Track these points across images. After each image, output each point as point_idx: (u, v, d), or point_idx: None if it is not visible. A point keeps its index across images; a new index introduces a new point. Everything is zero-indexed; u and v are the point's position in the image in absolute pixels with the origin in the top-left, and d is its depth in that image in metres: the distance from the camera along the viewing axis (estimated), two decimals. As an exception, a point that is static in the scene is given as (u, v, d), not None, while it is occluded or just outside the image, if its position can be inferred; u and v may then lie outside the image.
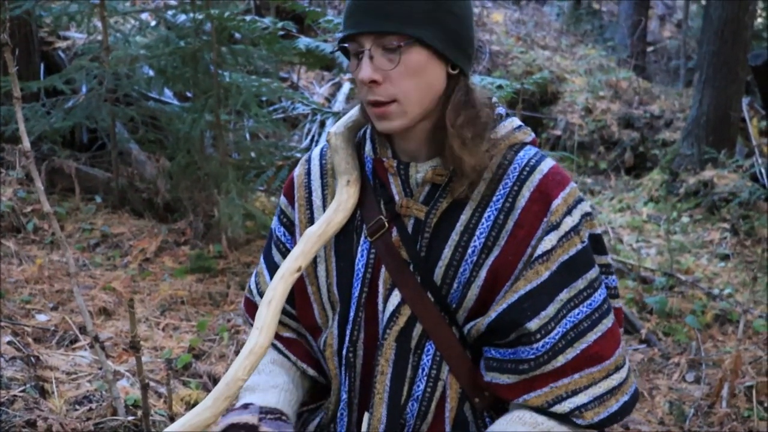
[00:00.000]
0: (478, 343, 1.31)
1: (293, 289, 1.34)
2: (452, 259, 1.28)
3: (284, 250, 1.46)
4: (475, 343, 1.32)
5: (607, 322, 1.29)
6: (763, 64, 6.40)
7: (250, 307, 1.52)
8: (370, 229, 1.33)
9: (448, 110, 1.26)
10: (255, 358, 1.19)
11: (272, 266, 1.46)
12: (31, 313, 3.38)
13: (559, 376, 1.25)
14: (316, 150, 1.46)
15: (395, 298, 1.30)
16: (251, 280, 1.54)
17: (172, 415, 2.50)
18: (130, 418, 2.52)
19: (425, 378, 1.30)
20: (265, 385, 1.41)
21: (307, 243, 1.30)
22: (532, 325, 1.24)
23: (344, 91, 6.45)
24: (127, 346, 3.16)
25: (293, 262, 1.28)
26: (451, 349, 1.30)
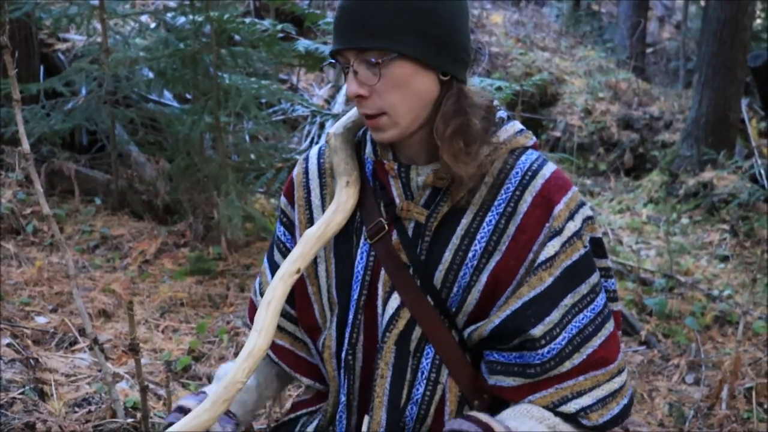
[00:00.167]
0: (479, 347, 1.31)
1: (293, 290, 1.34)
2: (452, 263, 1.28)
3: (285, 251, 1.46)
4: (476, 347, 1.31)
5: (610, 326, 1.30)
6: (762, 65, 6.40)
7: (253, 310, 1.53)
8: (370, 231, 1.32)
9: (437, 121, 1.24)
10: (254, 360, 1.19)
11: (274, 267, 1.47)
12: (31, 315, 3.38)
13: (564, 379, 1.26)
14: (314, 149, 1.46)
15: (394, 301, 1.30)
16: (256, 282, 1.54)
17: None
18: (130, 421, 2.52)
19: (425, 381, 1.30)
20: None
21: (306, 244, 1.30)
22: (537, 332, 1.23)
23: (344, 92, 6.46)
24: (127, 348, 3.16)
25: (292, 264, 1.28)
26: (451, 352, 1.30)
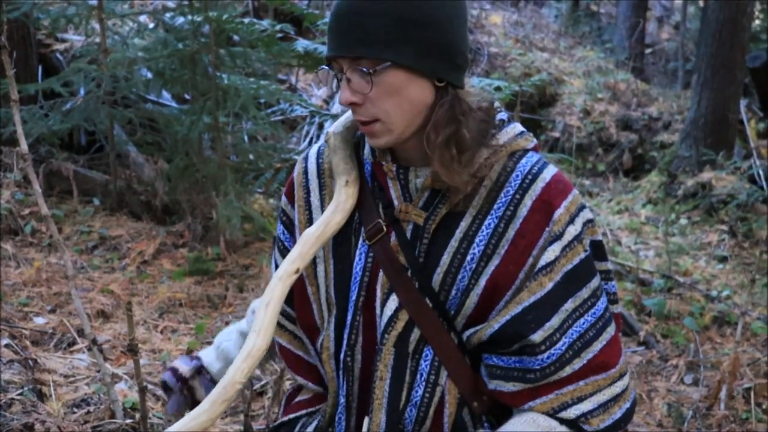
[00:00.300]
0: (478, 350, 1.31)
1: (292, 289, 1.33)
2: (451, 266, 1.27)
3: (284, 250, 1.46)
4: (475, 350, 1.31)
5: (611, 330, 1.28)
6: (761, 66, 6.42)
7: None
8: (369, 232, 1.32)
9: (428, 129, 1.23)
10: (252, 361, 1.18)
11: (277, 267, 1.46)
12: (29, 316, 3.37)
13: (564, 384, 1.25)
14: (314, 148, 1.45)
15: (393, 302, 1.29)
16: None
17: (170, 418, 2.50)
18: (128, 421, 2.52)
19: (423, 383, 1.29)
20: (225, 350, 1.60)
21: (305, 245, 1.29)
22: (536, 337, 1.22)
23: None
24: (125, 348, 3.15)
25: (291, 264, 1.27)
26: (450, 354, 1.29)
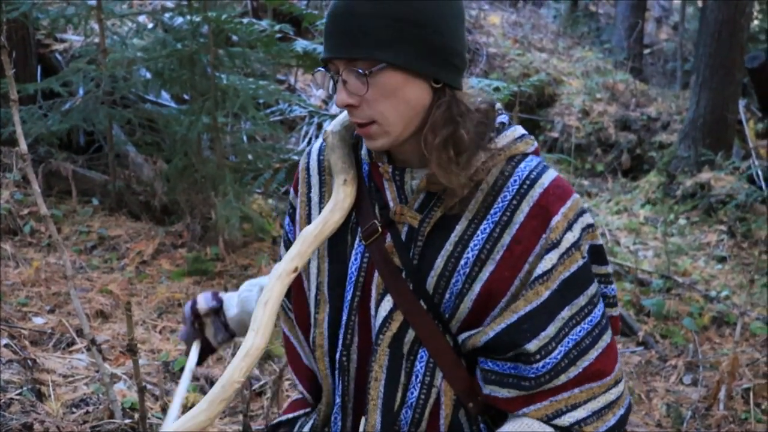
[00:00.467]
0: (473, 354, 1.30)
1: (291, 285, 1.33)
2: (444, 270, 1.26)
3: (287, 242, 1.46)
4: (470, 354, 1.30)
5: (607, 338, 1.27)
6: (760, 66, 6.43)
7: None
8: (365, 232, 1.31)
9: (425, 130, 1.22)
10: (251, 360, 1.18)
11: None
12: (28, 316, 3.37)
13: (559, 391, 1.24)
14: (316, 145, 1.44)
15: (387, 303, 1.29)
16: None
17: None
18: (127, 421, 2.52)
19: (419, 385, 1.29)
20: (245, 299, 1.61)
21: (304, 243, 1.29)
22: (531, 347, 1.21)
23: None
24: (124, 348, 3.15)
25: (290, 263, 1.27)
26: (445, 356, 1.29)
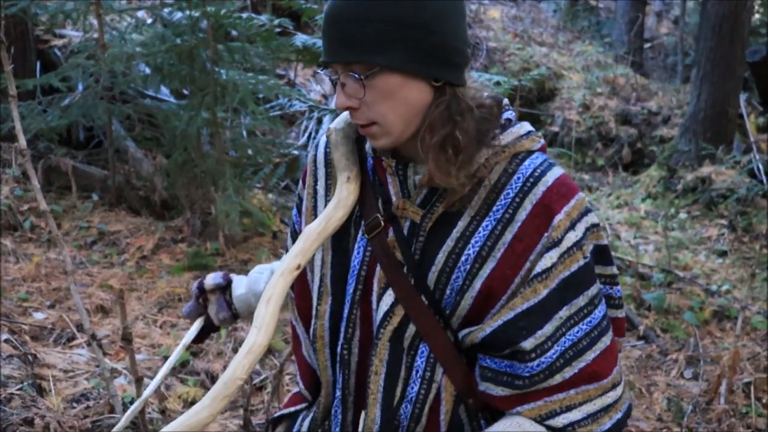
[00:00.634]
0: (473, 350, 1.30)
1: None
2: (445, 265, 1.25)
3: (294, 234, 1.46)
4: (470, 350, 1.30)
5: (606, 340, 1.26)
6: (761, 60, 6.40)
7: None
8: (367, 226, 1.31)
9: (423, 130, 1.21)
10: (254, 357, 1.17)
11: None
12: (29, 311, 3.37)
13: (553, 392, 1.23)
14: (324, 138, 1.44)
15: (389, 297, 1.28)
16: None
17: (168, 412, 2.50)
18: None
19: (419, 380, 1.28)
20: (253, 281, 1.63)
21: (307, 240, 1.28)
22: (527, 345, 1.21)
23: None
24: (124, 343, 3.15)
25: (293, 260, 1.26)
26: (445, 351, 1.28)
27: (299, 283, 1.42)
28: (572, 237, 1.23)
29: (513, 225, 1.23)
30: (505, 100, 1.32)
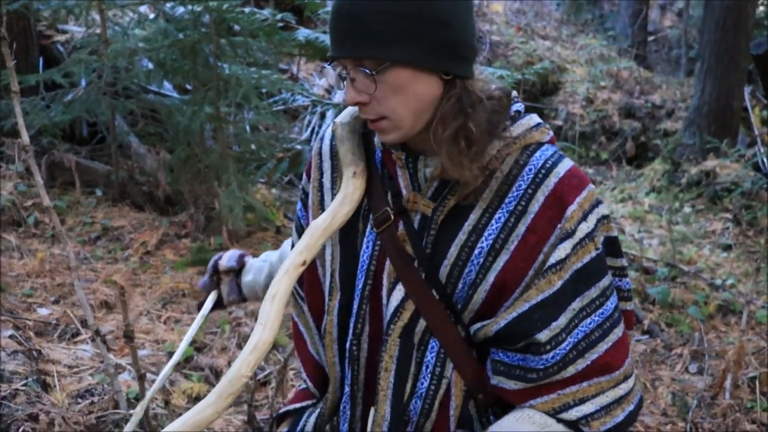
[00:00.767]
0: (485, 345, 1.29)
1: (303, 272, 1.32)
2: (458, 259, 1.25)
3: (299, 228, 1.46)
4: (481, 344, 1.29)
5: (618, 332, 1.26)
6: (766, 53, 6.36)
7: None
8: (377, 220, 1.30)
9: (435, 123, 1.21)
10: (259, 354, 1.17)
11: (292, 247, 1.48)
12: (33, 307, 3.37)
13: (567, 384, 1.23)
14: (329, 130, 1.43)
15: (399, 292, 1.28)
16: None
17: (172, 407, 2.50)
18: (132, 412, 2.51)
19: (429, 375, 1.28)
20: (257, 272, 1.69)
21: (312, 236, 1.28)
22: (542, 336, 1.20)
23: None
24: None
25: (298, 256, 1.26)
26: (456, 346, 1.28)
27: (310, 279, 1.42)
28: (585, 228, 1.23)
29: (526, 217, 1.23)
30: (514, 93, 1.31)
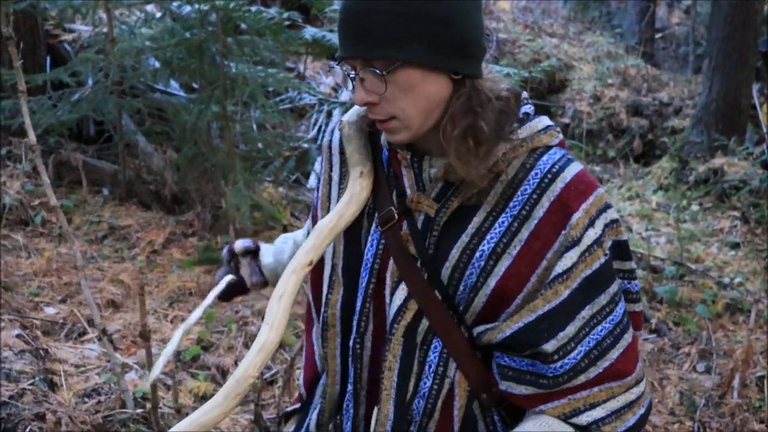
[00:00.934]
0: (489, 348, 1.28)
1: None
2: (459, 261, 1.24)
3: (313, 218, 1.46)
4: (486, 346, 1.29)
5: (628, 337, 1.25)
6: (774, 50, 6.33)
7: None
8: (381, 219, 1.30)
9: (444, 121, 1.20)
10: (266, 354, 1.17)
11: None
12: (40, 306, 3.38)
13: (578, 390, 1.22)
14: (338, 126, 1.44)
15: (402, 291, 1.27)
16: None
17: (179, 407, 2.50)
18: (139, 411, 2.52)
19: (432, 375, 1.28)
20: (279, 250, 1.69)
21: (319, 237, 1.27)
22: (549, 347, 1.19)
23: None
24: (135, 338, 3.16)
25: (304, 256, 1.26)
26: (459, 347, 1.27)
27: (313, 270, 1.41)
28: (592, 235, 1.21)
29: (530, 222, 1.21)
30: (524, 94, 1.30)
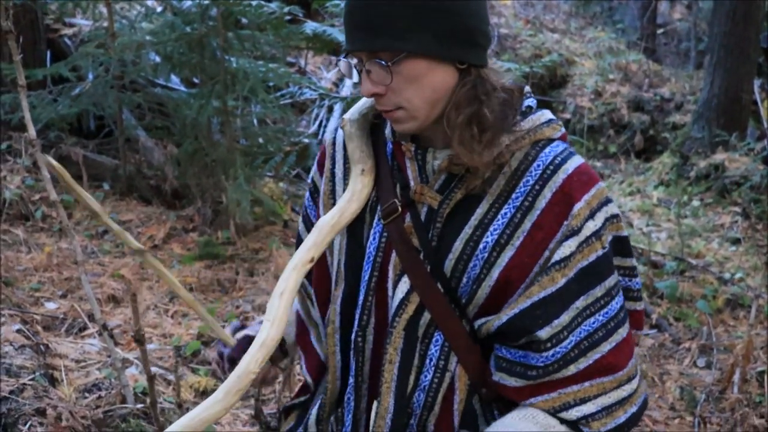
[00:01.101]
0: (489, 340, 1.29)
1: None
2: (463, 253, 1.24)
3: (306, 218, 1.47)
4: (486, 339, 1.29)
5: (623, 332, 1.25)
6: (775, 46, 6.33)
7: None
8: (384, 211, 1.30)
9: (449, 108, 1.21)
10: (267, 350, 1.17)
11: (298, 240, 1.48)
12: (40, 301, 3.38)
13: (568, 383, 1.22)
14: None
15: (404, 284, 1.27)
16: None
17: (180, 402, 2.50)
18: (139, 406, 2.52)
19: (432, 368, 1.28)
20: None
21: (320, 233, 1.28)
22: (543, 334, 1.20)
23: (355, 78, 6.41)
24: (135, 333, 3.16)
25: (306, 253, 1.26)
26: (460, 340, 1.27)
27: (319, 268, 1.41)
28: (591, 226, 1.22)
29: (532, 213, 1.22)
30: (527, 88, 1.31)
